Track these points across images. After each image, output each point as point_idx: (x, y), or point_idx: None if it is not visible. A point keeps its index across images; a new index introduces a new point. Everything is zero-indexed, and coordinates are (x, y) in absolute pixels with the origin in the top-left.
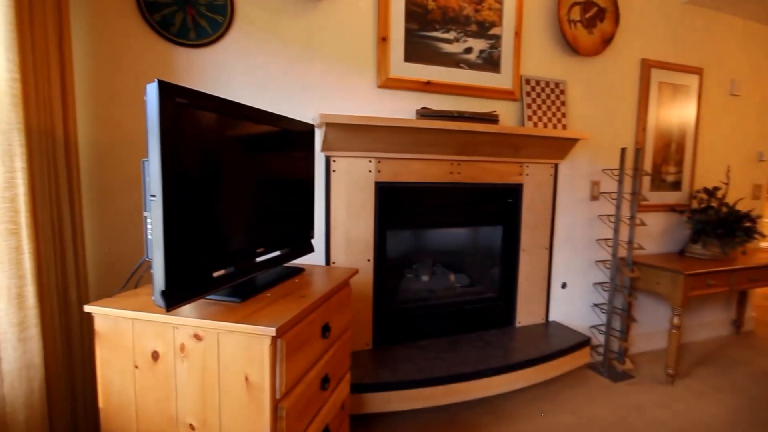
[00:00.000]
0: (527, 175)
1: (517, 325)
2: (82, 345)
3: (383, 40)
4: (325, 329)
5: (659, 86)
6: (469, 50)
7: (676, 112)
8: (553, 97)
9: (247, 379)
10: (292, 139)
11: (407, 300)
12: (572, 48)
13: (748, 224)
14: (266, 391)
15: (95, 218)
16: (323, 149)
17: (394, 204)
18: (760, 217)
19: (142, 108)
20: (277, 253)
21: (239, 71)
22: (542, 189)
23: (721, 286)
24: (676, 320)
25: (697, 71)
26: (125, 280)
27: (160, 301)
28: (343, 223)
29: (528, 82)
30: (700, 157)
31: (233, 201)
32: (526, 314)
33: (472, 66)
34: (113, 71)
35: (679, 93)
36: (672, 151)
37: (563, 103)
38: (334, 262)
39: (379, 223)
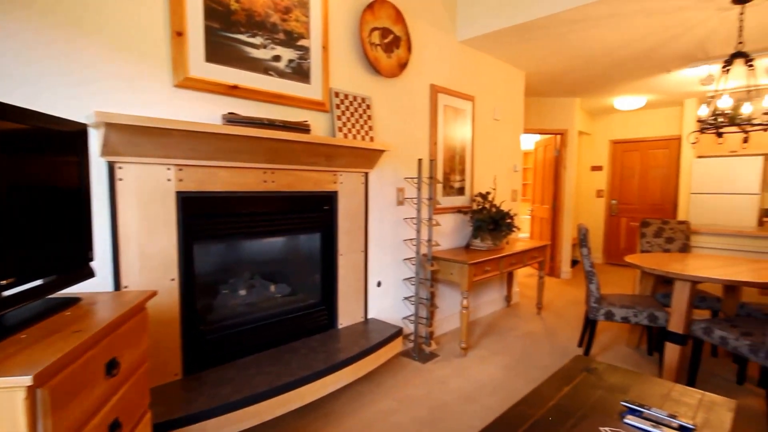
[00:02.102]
0: (341, 183)
1: (339, 326)
2: None
3: (178, 34)
4: (111, 366)
5: (444, 108)
6: (277, 58)
7: (459, 131)
8: (360, 111)
9: None
10: (52, 141)
11: (224, 318)
12: (374, 68)
13: (509, 220)
14: None
15: None
16: (104, 154)
17: (202, 215)
18: (516, 214)
19: None
20: (38, 282)
21: None
22: (355, 196)
23: (494, 271)
24: (465, 302)
25: (471, 98)
26: None
27: None
28: (136, 239)
29: (337, 95)
30: (477, 168)
31: None
32: (346, 315)
33: (281, 74)
34: None
35: (459, 115)
36: (456, 162)
37: (370, 117)
38: (126, 286)
39: (184, 237)
